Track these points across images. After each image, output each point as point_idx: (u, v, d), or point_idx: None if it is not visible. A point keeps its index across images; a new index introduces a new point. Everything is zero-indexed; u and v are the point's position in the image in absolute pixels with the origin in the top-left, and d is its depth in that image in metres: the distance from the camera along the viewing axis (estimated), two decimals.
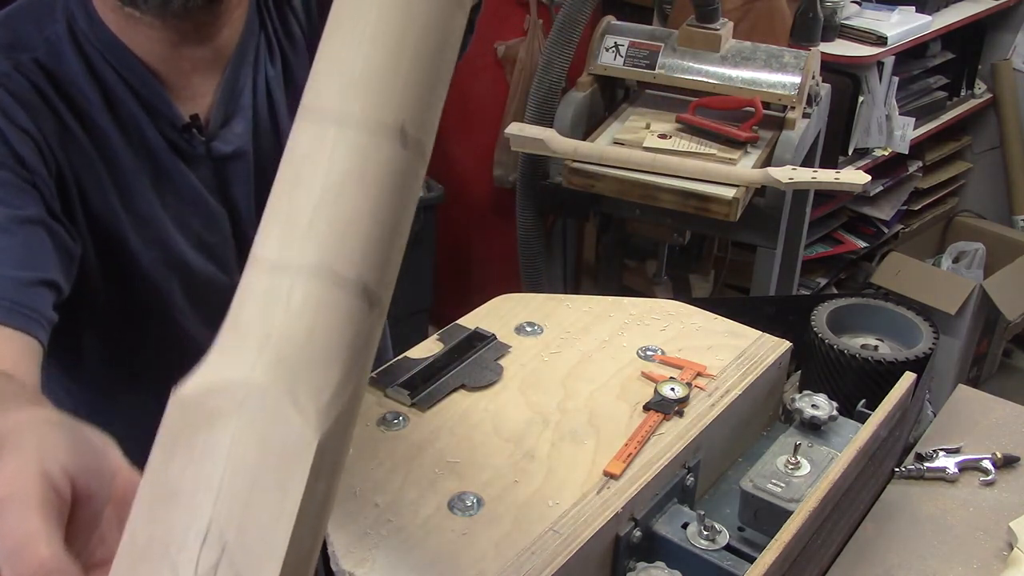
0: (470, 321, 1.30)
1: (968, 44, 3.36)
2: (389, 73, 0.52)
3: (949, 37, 3.13)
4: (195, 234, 1.15)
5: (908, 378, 1.18)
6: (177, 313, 1.16)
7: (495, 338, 1.24)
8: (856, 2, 2.91)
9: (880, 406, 1.12)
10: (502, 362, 1.20)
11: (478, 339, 1.24)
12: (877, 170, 3.03)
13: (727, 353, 1.23)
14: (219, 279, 1.18)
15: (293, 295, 0.50)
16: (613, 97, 2.40)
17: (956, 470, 1.24)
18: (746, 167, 2.05)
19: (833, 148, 2.77)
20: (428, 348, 1.23)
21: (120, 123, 1.07)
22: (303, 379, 0.49)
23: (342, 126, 0.52)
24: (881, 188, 3.16)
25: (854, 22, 2.79)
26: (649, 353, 1.23)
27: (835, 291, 3.20)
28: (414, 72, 0.53)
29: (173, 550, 0.47)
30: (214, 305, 1.02)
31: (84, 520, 0.54)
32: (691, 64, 2.21)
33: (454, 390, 1.15)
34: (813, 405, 1.16)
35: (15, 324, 0.86)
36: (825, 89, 2.34)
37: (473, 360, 1.20)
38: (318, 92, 0.54)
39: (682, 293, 2.58)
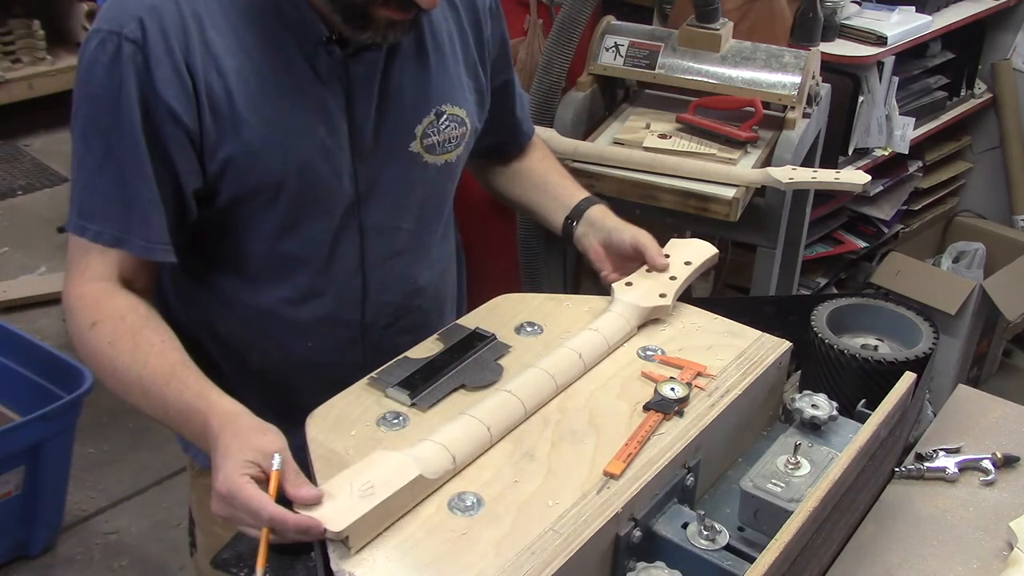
0: (470, 321, 1.29)
1: (968, 44, 3.35)
2: None
3: (949, 37, 3.13)
4: (319, 139, 1.25)
5: (908, 378, 1.18)
6: (276, 216, 1.26)
7: (495, 338, 1.24)
8: (856, 2, 2.91)
9: (880, 406, 1.12)
10: (502, 362, 1.20)
11: (478, 339, 1.24)
12: (877, 170, 3.02)
13: (727, 353, 1.23)
14: (331, 180, 1.27)
15: None
16: (613, 97, 2.40)
17: (956, 470, 1.24)
18: (746, 167, 2.05)
19: (833, 148, 2.76)
20: (428, 348, 1.23)
21: (262, 35, 1.19)
22: None
23: None
24: (881, 188, 3.16)
25: (854, 22, 2.79)
26: (649, 353, 1.23)
27: (835, 291, 3.20)
28: None
29: None
30: (320, 207, 1.27)
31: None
32: (691, 64, 2.21)
33: (454, 390, 1.15)
34: (813, 405, 1.16)
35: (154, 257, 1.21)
36: (825, 89, 2.34)
37: (473, 360, 1.20)
38: None
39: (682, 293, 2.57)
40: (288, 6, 1.20)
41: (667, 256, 1.37)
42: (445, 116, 1.35)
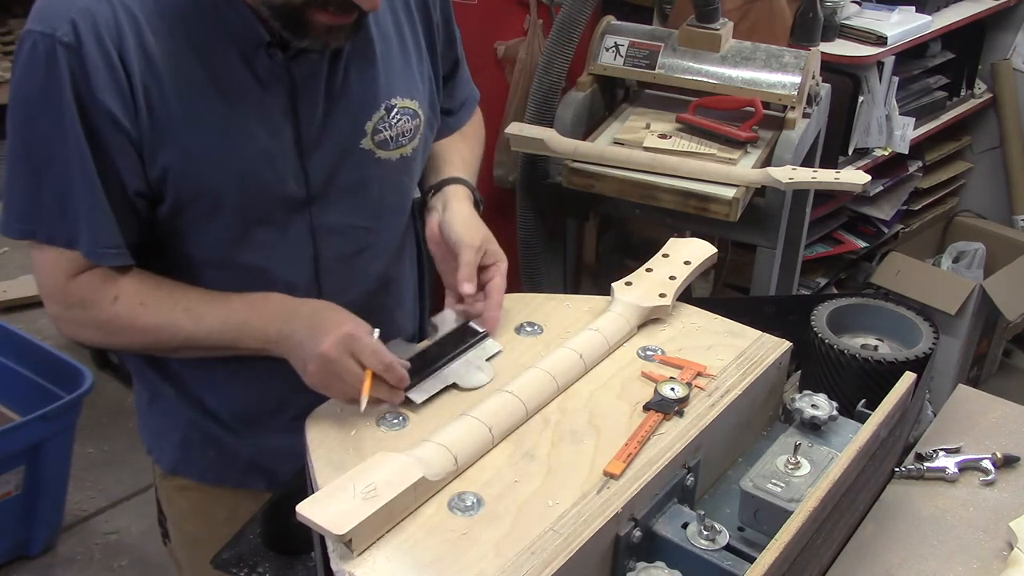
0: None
1: (968, 44, 3.36)
2: None
3: (949, 37, 3.13)
4: (260, 145, 1.22)
5: (908, 378, 1.18)
6: (223, 224, 1.24)
7: (486, 335, 1.24)
8: (856, 2, 2.91)
9: (880, 406, 1.12)
10: (496, 362, 1.20)
11: (469, 334, 1.24)
12: (877, 170, 3.02)
13: (727, 353, 1.23)
14: (275, 185, 1.24)
15: None
16: (613, 97, 2.40)
17: (956, 470, 1.24)
18: (746, 167, 2.05)
19: (833, 148, 2.76)
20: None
21: (200, 39, 1.16)
22: None
23: None
24: (881, 188, 3.16)
25: (854, 22, 2.79)
26: (649, 353, 1.23)
27: (835, 291, 3.20)
28: None
29: None
30: (266, 213, 1.24)
31: None
32: (691, 64, 2.21)
33: (446, 389, 1.16)
34: (813, 405, 1.16)
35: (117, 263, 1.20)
36: (825, 89, 2.34)
37: (464, 360, 1.21)
38: None
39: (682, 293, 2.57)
40: (227, 9, 1.16)
41: (666, 256, 1.37)
42: (396, 110, 1.31)
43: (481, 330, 1.25)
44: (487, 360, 1.21)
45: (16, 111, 1.16)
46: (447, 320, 1.28)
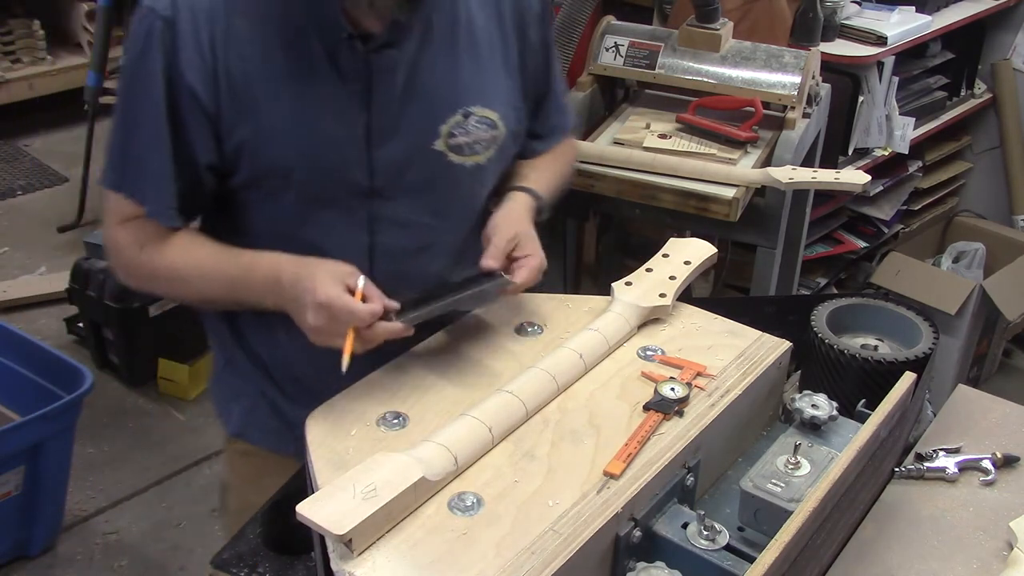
0: (470, 320, 1.30)
1: (968, 44, 3.35)
2: None
3: (949, 37, 3.13)
4: (331, 131, 1.28)
5: (908, 378, 1.18)
6: (288, 202, 1.31)
7: (503, 276, 1.25)
8: (856, 2, 2.91)
9: (880, 406, 1.12)
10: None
11: (487, 276, 1.26)
12: (877, 170, 3.02)
13: (727, 353, 1.23)
14: (341, 171, 1.30)
15: None
16: (613, 97, 2.40)
17: (956, 470, 1.24)
18: (746, 167, 2.05)
19: (833, 148, 2.76)
20: None
21: (288, 25, 1.24)
22: None
23: None
24: (881, 188, 3.16)
25: (854, 22, 2.79)
26: (649, 353, 1.23)
27: (835, 291, 3.20)
28: None
29: None
30: (331, 197, 1.31)
31: None
32: (691, 64, 2.21)
33: (444, 314, 1.20)
34: (813, 405, 1.16)
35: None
36: (825, 89, 2.34)
37: (475, 292, 1.23)
38: None
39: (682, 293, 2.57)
40: (316, 0, 1.23)
41: (666, 256, 1.37)
42: (474, 117, 1.34)
43: (501, 272, 1.26)
44: (496, 294, 1.23)
45: (122, 74, 1.29)
46: (463, 272, 1.31)
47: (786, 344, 1.26)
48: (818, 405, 1.16)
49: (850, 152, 2.88)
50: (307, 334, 1.19)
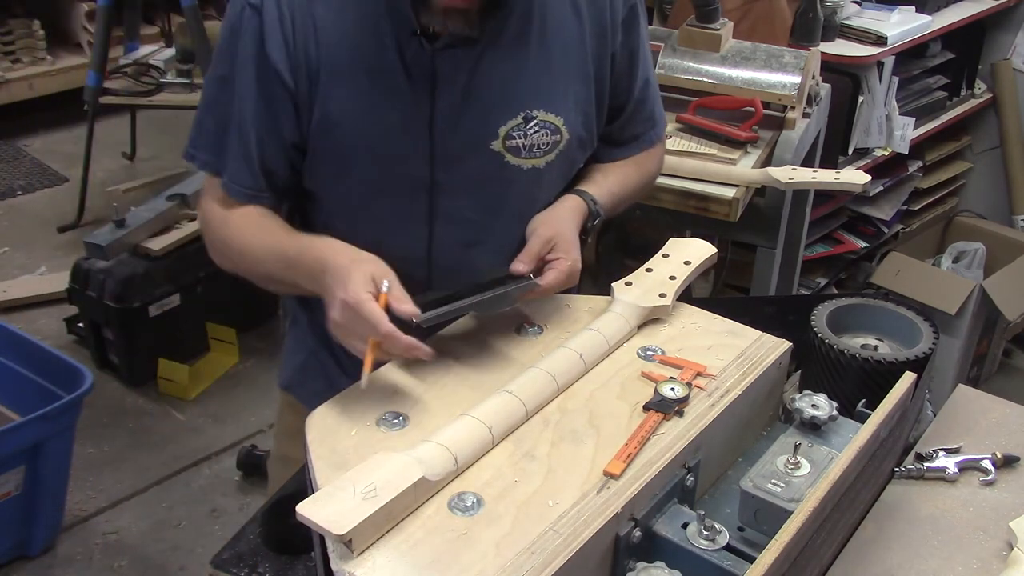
0: (470, 320, 1.30)
1: (968, 44, 3.36)
2: None
3: (949, 37, 3.13)
4: (394, 123, 1.32)
5: (908, 378, 1.18)
6: (350, 188, 1.37)
7: (530, 278, 1.26)
8: (856, 2, 2.91)
9: (880, 406, 1.12)
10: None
11: (511, 279, 1.27)
12: (877, 170, 3.03)
13: (727, 353, 1.23)
14: (401, 163, 1.34)
15: None
16: None
17: (956, 470, 1.24)
18: (746, 167, 2.05)
19: (833, 148, 2.77)
20: None
21: (363, 17, 1.29)
22: None
23: None
24: (881, 188, 3.16)
25: (854, 22, 2.79)
26: (649, 353, 1.23)
27: (835, 291, 3.20)
28: None
29: None
30: (392, 187, 1.36)
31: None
32: (691, 64, 2.21)
33: (460, 316, 1.21)
34: (813, 405, 1.16)
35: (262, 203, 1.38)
36: (825, 89, 2.34)
37: (499, 294, 1.23)
38: None
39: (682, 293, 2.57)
40: None
41: (666, 256, 1.37)
42: (536, 121, 1.34)
43: (530, 275, 1.27)
44: (519, 294, 1.23)
45: (216, 55, 1.35)
46: (493, 271, 1.31)
47: (786, 344, 1.26)
48: (818, 405, 1.16)
49: (850, 152, 2.88)
50: (330, 326, 1.20)
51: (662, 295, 1.29)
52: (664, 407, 1.11)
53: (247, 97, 1.31)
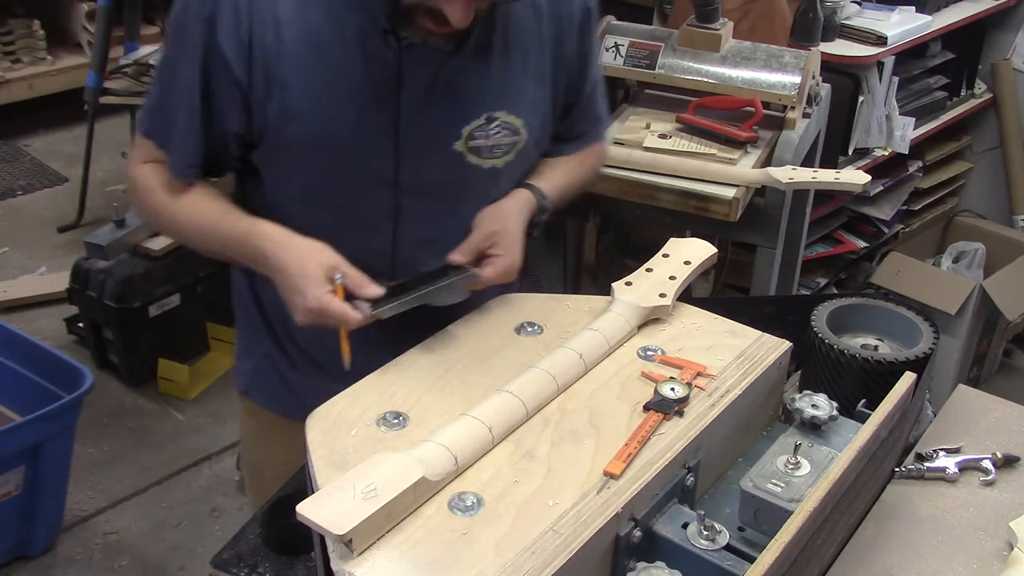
0: (470, 321, 1.30)
1: (968, 44, 3.35)
2: None
3: (949, 37, 3.13)
4: (356, 119, 1.31)
5: (908, 378, 1.18)
6: (308, 178, 1.36)
7: (469, 269, 1.31)
8: (856, 2, 2.91)
9: (880, 406, 1.12)
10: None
11: (452, 269, 1.32)
12: (877, 170, 3.02)
13: (727, 353, 1.23)
14: (362, 160, 1.34)
15: None
16: (613, 97, 2.40)
17: (956, 470, 1.24)
18: (746, 167, 2.05)
19: (833, 148, 2.76)
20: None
21: (327, 11, 1.27)
22: None
23: None
24: (881, 188, 3.16)
25: (854, 22, 2.79)
26: (649, 353, 1.23)
27: (835, 291, 3.20)
28: None
29: None
30: (350, 183, 1.35)
31: None
32: (691, 64, 2.21)
33: (417, 307, 1.23)
34: (813, 405, 1.16)
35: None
36: (825, 89, 2.34)
37: (444, 285, 1.29)
38: None
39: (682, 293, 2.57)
40: None
41: (666, 256, 1.37)
42: (497, 123, 1.36)
43: (467, 265, 1.32)
44: (465, 287, 1.28)
45: (168, 30, 1.35)
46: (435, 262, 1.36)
47: (786, 344, 1.26)
48: (818, 405, 1.16)
49: (850, 152, 2.88)
50: (293, 317, 1.26)
51: (662, 295, 1.29)
52: (664, 407, 1.11)
53: (192, 84, 1.30)
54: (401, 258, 1.41)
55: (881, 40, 2.74)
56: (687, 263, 1.35)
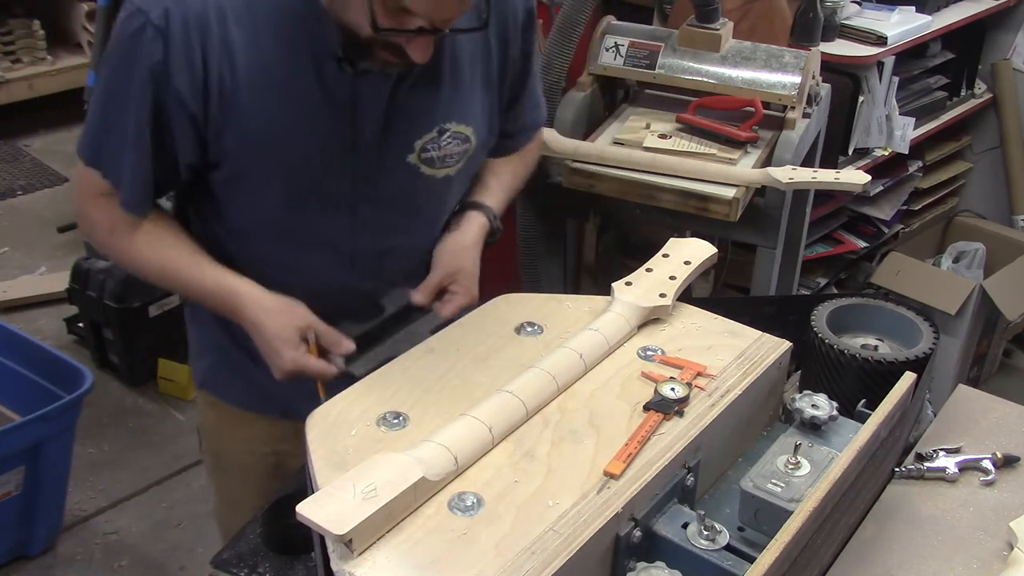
0: (470, 321, 1.30)
1: (968, 44, 3.35)
2: None
3: (949, 37, 3.13)
4: (315, 144, 1.32)
5: (908, 378, 1.18)
6: (271, 200, 1.35)
7: (430, 310, 1.36)
8: (856, 2, 2.91)
9: (880, 406, 1.12)
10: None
11: (415, 311, 1.36)
12: (877, 170, 3.02)
13: (727, 353, 1.23)
14: (323, 181, 1.35)
15: None
16: (613, 97, 2.40)
17: (956, 470, 1.24)
18: (746, 167, 2.05)
19: (833, 148, 2.76)
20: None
21: (280, 38, 1.25)
22: None
23: None
24: (881, 188, 3.16)
25: (854, 22, 2.79)
26: (649, 353, 1.23)
27: (835, 291, 3.20)
28: None
29: None
30: (312, 202, 1.35)
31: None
32: (691, 64, 2.21)
33: (387, 360, 1.22)
34: (813, 405, 1.16)
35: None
36: (825, 89, 2.34)
37: (406, 331, 1.33)
38: None
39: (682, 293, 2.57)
40: (311, 18, 1.25)
41: (666, 256, 1.37)
42: (448, 133, 1.38)
43: (428, 308, 1.37)
44: (431, 331, 1.29)
45: (106, 63, 1.30)
46: (396, 298, 1.39)
47: (786, 344, 1.26)
48: (818, 405, 1.16)
49: (850, 152, 2.88)
50: (271, 372, 1.33)
51: (662, 295, 1.29)
52: (664, 407, 1.11)
53: (142, 123, 1.26)
54: (362, 269, 1.43)
55: (881, 40, 2.74)
56: (687, 263, 1.35)
